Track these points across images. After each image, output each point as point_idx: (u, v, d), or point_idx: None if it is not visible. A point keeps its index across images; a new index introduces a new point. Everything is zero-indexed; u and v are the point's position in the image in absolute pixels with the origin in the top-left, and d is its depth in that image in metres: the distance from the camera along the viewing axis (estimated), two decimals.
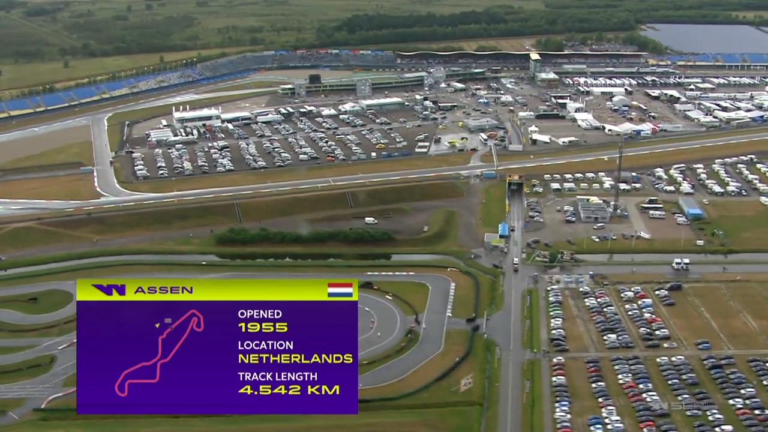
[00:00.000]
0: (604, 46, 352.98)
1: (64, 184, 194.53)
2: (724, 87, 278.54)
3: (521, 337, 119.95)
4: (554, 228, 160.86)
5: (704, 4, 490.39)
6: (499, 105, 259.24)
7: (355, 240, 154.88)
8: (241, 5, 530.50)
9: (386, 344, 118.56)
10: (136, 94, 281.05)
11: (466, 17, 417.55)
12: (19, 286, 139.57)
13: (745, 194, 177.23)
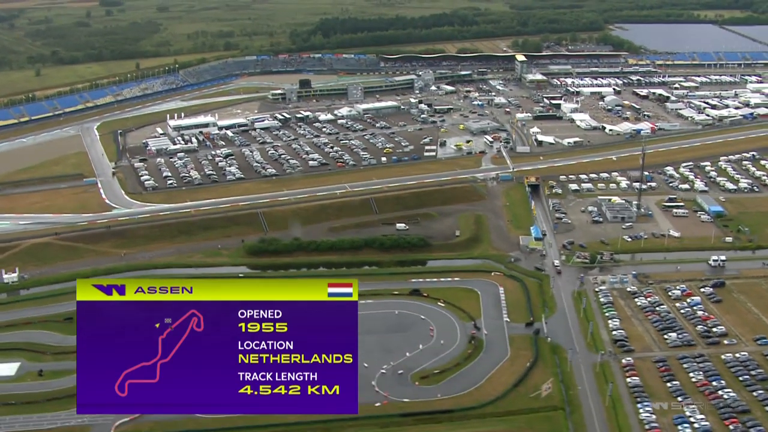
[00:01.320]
0: (580, 47, 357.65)
1: (69, 197, 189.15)
2: (707, 85, 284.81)
3: (584, 340, 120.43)
4: (583, 229, 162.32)
5: (665, 4, 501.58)
6: (494, 107, 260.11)
7: (391, 247, 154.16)
8: (203, 10, 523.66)
9: (452, 352, 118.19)
10: (121, 102, 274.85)
11: (438, 20, 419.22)
12: (51, 306, 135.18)
13: (757, 191, 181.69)
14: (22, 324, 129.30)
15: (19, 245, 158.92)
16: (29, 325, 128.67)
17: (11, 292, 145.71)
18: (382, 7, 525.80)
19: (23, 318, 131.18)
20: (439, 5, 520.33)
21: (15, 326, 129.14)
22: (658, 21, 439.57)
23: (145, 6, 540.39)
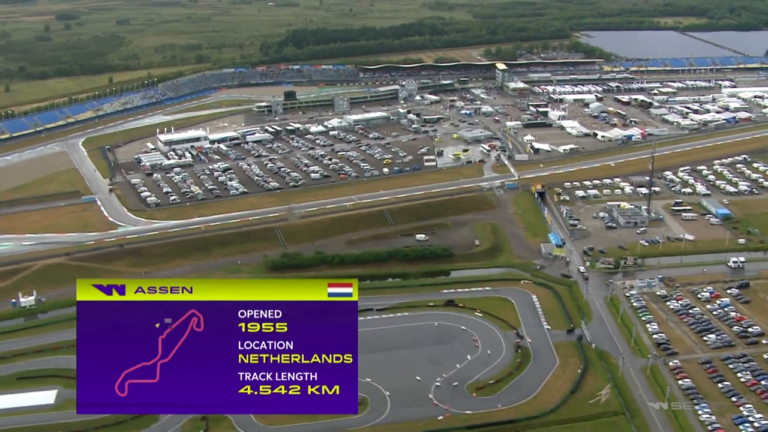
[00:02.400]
0: (552, 54, 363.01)
1: (70, 215, 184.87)
2: (683, 91, 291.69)
3: (627, 344, 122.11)
4: (599, 235, 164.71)
5: (624, 11, 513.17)
6: (481, 115, 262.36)
7: (416, 258, 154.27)
8: (164, 23, 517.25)
9: (501, 362, 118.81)
10: (102, 117, 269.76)
11: (408, 29, 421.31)
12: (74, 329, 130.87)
13: (757, 193, 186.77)
14: (50, 349, 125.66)
15: (30, 267, 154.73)
16: (58, 351, 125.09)
17: (29, 317, 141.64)
18: (345, 18, 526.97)
19: (50, 343, 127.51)
20: (402, 15, 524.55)
21: (43, 352, 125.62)
22: (620, 28, 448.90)
23: (104, 19, 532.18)
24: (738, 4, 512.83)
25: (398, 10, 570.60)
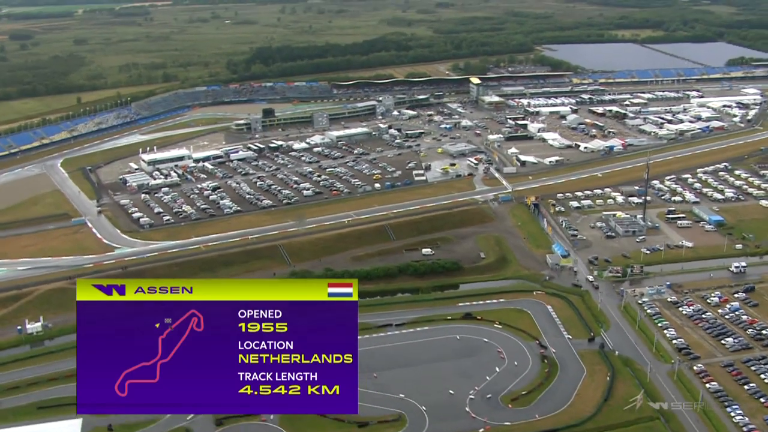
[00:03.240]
0: (519, 68, 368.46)
1: (62, 238, 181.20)
2: (653, 101, 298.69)
3: (649, 351, 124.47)
4: (600, 244, 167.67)
5: (580, 25, 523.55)
6: (461, 129, 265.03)
7: (425, 272, 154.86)
8: (122, 42, 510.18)
9: (530, 373, 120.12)
10: (77, 138, 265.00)
11: (373, 45, 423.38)
12: None
13: (743, 199, 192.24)
14: (65, 377, 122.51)
15: (32, 292, 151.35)
16: (73, 378, 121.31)
17: (35, 343, 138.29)
18: (305, 35, 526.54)
19: (63, 371, 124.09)
20: (362, 31, 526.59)
21: (58, 380, 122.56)
22: (581, 41, 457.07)
23: (60, 39, 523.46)
24: (691, 17, 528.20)
25: (357, 26, 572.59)
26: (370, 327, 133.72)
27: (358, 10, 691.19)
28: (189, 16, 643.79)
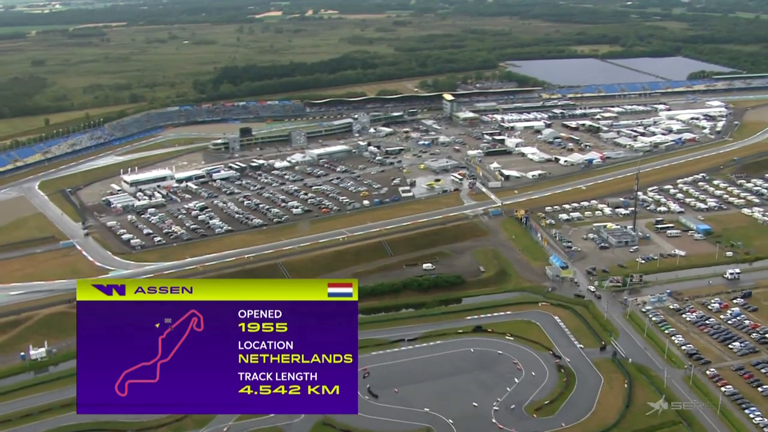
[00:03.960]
0: (487, 84, 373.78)
1: (52, 262, 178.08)
2: (623, 115, 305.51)
3: (660, 357, 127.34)
4: (595, 255, 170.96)
5: (539, 41, 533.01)
6: (440, 145, 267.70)
7: (429, 287, 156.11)
8: (81, 63, 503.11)
9: (549, 383, 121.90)
10: (52, 160, 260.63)
11: (340, 64, 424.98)
12: None
13: (726, 208, 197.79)
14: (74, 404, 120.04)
15: (32, 317, 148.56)
16: None
17: (39, 370, 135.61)
18: (267, 54, 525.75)
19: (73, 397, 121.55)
20: (324, 50, 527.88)
21: (71, 406, 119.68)
22: (542, 57, 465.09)
23: (16, 60, 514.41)
24: (645, 32, 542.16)
25: (318, 45, 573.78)
26: (383, 343, 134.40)
27: (316, 29, 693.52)
28: (146, 36, 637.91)
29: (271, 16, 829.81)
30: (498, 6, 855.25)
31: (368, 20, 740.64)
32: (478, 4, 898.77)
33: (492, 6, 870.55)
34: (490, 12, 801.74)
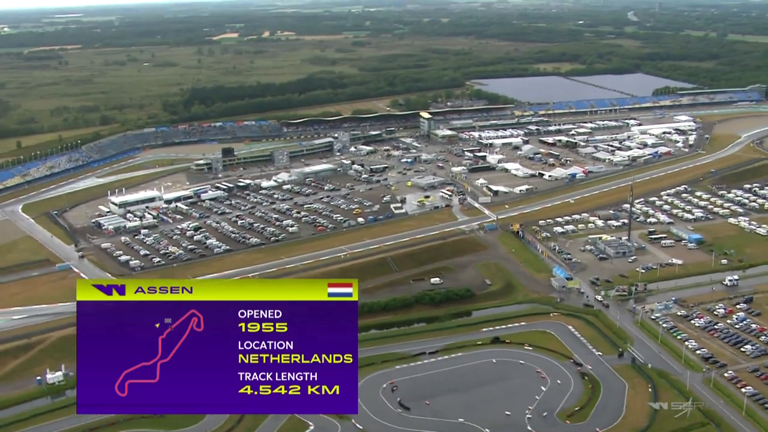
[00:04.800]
0: (458, 103, 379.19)
1: (50, 285, 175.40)
2: (597, 130, 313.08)
3: (677, 361, 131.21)
4: (596, 266, 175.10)
5: (501, 60, 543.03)
6: (423, 163, 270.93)
7: (441, 301, 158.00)
8: (42, 86, 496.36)
9: (575, 390, 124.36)
10: (31, 183, 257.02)
11: (309, 84, 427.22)
12: None
13: (712, 218, 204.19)
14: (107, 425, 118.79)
15: (44, 340, 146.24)
16: (116, 426, 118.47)
17: (56, 395, 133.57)
18: (231, 75, 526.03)
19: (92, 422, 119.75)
20: (287, 71, 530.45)
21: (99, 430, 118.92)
22: (507, 75, 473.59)
23: None
24: (604, 50, 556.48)
25: (280, 66, 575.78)
26: (405, 356, 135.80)
27: (276, 50, 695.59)
28: (104, 59, 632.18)
29: (228, 38, 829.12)
30: (453, 26, 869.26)
31: (326, 41, 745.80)
32: (433, 24, 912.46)
33: (447, 26, 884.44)
34: (446, 32, 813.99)
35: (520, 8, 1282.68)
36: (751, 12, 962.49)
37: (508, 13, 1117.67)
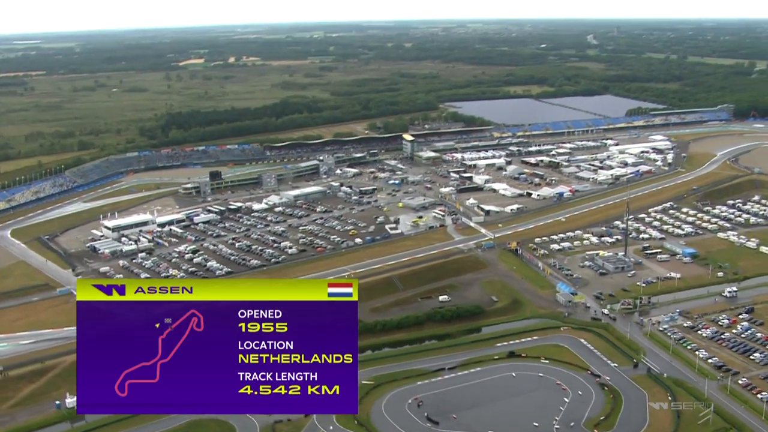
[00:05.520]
0: (436, 125, 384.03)
1: (52, 310, 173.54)
2: (577, 151, 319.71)
3: (690, 370, 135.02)
4: (597, 281, 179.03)
5: (471, 83, 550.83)
6: (410, 184, 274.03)
7: (452, 318, 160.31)
8: (11, 113, 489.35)
9: (597, 400, 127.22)
10: (17, 208, 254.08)
11: (284, 108, 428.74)
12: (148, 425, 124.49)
13: (701, 233, 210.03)
14: None
15: (57, 365, 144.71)
16: None
17: (76, 419, 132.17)
18: (202, 100, 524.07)
19: None
20: (258, 96, 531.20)
21: None
22: (478, 98, 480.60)
23: None
24: (570, 73, 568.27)
25: (251, 91, 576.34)
26: (425, 372, 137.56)
27: (245, 76, 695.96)
28: (72, 85, 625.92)
29: (194, 63, 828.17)
30: (417, 51, 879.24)
31: (293, 66, 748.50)
32: (398, 49, 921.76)
33: (411, 51, 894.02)
34: (411, 57, 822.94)
35: (481, 32, 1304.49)
36: (706, 35, 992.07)
37: (469, 38, 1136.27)
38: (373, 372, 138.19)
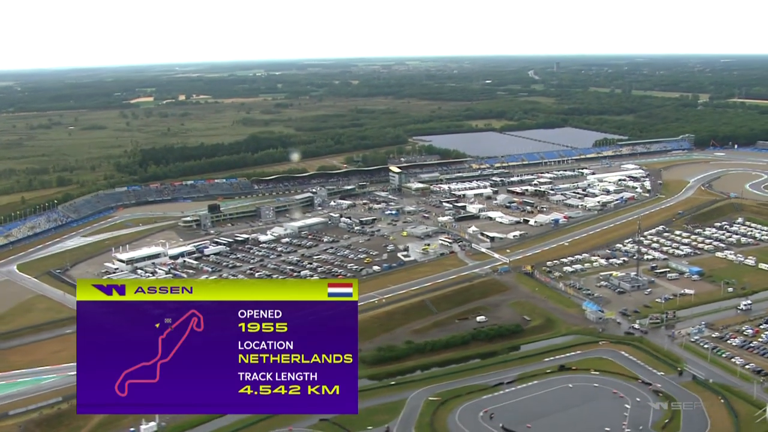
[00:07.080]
0: (412, 157, 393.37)
1: None
2: (557, 180, 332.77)
3: (733, 375, 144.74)
4: (617, 299, 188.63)
5: (432, 118, 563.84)
6: (407, 214, 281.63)
7: (494, 336, 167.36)
8: None
9: (658, 408, 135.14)
10: (15, 243, 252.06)
11: (258, 143, 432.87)
12: None
13: (699, 253, 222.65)
14: None
15: None
16: None
17: None
18: (166, 137, 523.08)
19: None
20: (220, 132, 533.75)
21: None
22: (443, 132, 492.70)
23: None
24: (525, 107, 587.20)
25: (212, 128, 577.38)
26: (486, 387, 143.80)
27: (202, 113, 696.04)
28: (26, 123, 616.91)
29: (144, 101, 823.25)
30: (366, 87, 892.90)
31: (247, 104, 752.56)
32: (346, 86, 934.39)
33: (360, 87, 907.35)
34: (362, 93, 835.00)
35: (422, 69, 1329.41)
36: (641, 70, 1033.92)
37: (412, 75, 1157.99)
38: (434, 389, 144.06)
